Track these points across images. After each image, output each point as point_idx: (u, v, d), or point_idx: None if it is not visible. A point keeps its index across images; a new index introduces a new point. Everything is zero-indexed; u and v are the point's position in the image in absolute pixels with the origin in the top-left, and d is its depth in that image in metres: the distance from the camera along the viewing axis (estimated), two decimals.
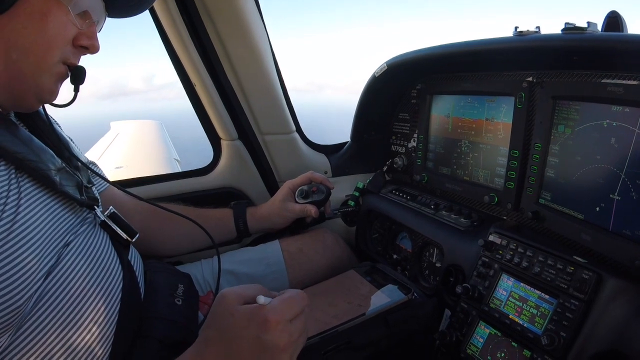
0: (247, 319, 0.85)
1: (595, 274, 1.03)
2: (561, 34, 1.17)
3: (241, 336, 0.85)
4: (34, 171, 0.94)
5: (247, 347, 0.85)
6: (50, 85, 0.97)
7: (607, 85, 1.10)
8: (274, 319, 0.84)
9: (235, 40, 1.75)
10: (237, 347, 0.85)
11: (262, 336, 0.84)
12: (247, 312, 0.86)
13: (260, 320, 0.84)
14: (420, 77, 1.82)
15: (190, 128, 11.16)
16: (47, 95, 0.98)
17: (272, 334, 0.84)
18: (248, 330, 0.85)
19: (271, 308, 0.86)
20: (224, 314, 0.88)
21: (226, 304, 0.88)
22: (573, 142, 1.22)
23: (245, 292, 0.90)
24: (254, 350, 0.85)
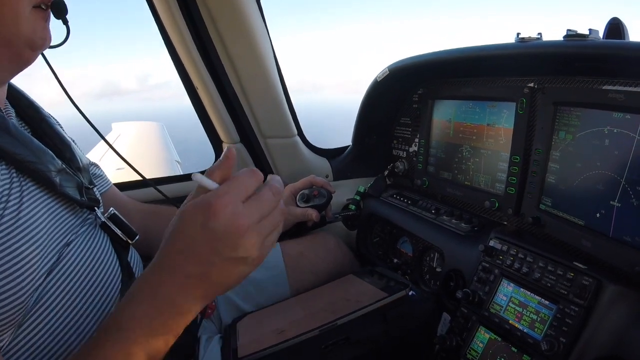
0: (192, 211, 0.74)
1: (595, 280, 1.04)
2: (563, 40, 1.17)
3: (188, 233, 0.74)
4: (34, 172, 0.94)
5: (199, 240, 0.73)
6: (38, 31, 0.94)
7: (609, 92, 1.11)
8: (218, 203, 0.72)
9: (238, 43, 1.76)
10: (191, 243, 0.74)
11: (209, 224, 0.71)
12: (192, 204, 0.75)
13: (205, 205, 0.72)
14: (422, 81, 1.82)
15: (181, 128, 11.03)
16: (39, 41, 0.96)
17: (217, 220, 0.71)
18: (194, 221, 0.73)
19: (215, 191, 0.75)
20: (177, 215, 0.77)
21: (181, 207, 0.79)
22: (574, 148, 1.22)
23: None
24: (206, 242, 0.73)
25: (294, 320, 1.32)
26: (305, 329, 1.21)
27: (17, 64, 0.98)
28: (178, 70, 1.93)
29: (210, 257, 0.73)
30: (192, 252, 0.73)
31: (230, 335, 1.31)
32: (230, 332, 1.33)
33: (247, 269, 0.77)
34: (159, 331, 0.77)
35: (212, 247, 0.72)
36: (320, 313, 1.31)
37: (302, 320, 1.31)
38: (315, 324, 1.23)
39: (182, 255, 0.74)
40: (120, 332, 0.75)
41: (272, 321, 1.35)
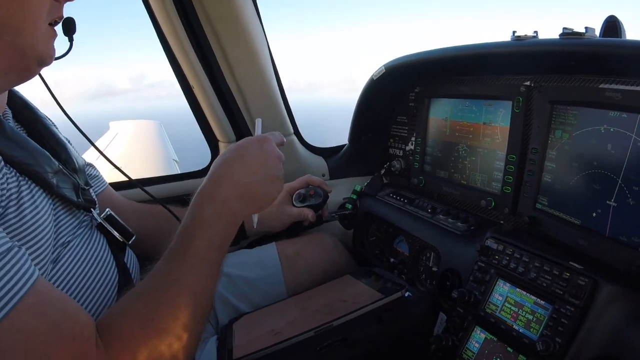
0: (251, 140, 1.12)
1: (591, 280, 1.03)
2: (559, 38, 1.17)
3: (251, 150, 1.09)
4: (32, 174, 0.95)
5: (255, 156, 1.08)
6: (48, 49, 0.96)
7: (605, 91, 1.10)
8: (267, 138, 1.13)
9: (234, 42, 1.75)
10: (250, 157, 1.08)
11: (263, 147, 1.10)
12: (249, 138, 1.14)
13: (259, 138, 1.12)
14: (418, 80, 1.82)
15: (177, 127, 11.01)
16: (48, 59, 0.97)
17: (268, 146, 1.11)
18: (254, 145, 1.10)
19: (263, 134, 1.17)
20: (234, 145, 1.12)
21: (232, 145, 1.14)
22: (570, 147, 1.21)
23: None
24: (260, 158, 1.08)
25: (290, 321, 1.31)
26: (301, 330, 1.21)
27: (23, 77, 0.99)
28: (174, 69, 1.92)
29: (260, 169, 1.07)
30: (247, 165, 1.07)
31: (226, 336, 1.30)
32: (226, 333, 1.33)
33: (277, 188, 1.12)
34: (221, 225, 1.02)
35: (262, 163, 1.08)
36: (316, 314, 1.31)
37: (298, 321, 1.30)
38: (311, 325, 1.22)
39: (239, 165, 1.06)
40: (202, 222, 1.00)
41: (268, 322, 1.34)
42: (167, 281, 0.93)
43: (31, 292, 0.73)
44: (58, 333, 0.76)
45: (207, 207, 1.02)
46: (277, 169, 1.11)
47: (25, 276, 0.73)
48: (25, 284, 0.73)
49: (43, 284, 0.78)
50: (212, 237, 1.00)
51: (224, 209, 1.02)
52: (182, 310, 0.92)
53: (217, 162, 1.09)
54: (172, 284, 0.93)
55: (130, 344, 0.85)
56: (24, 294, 0.72)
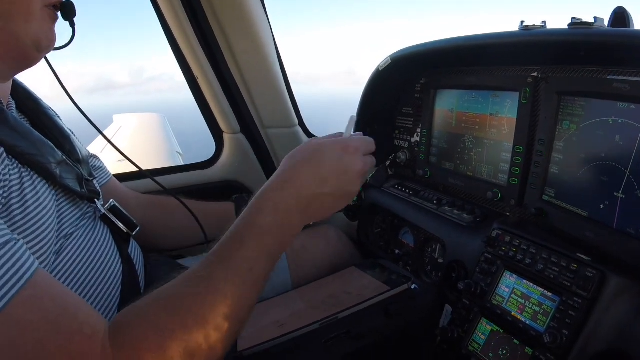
0: (332, 144, 1.02)
1: (599, 272, 1.02)
2: (567, 28, 1.16)
3: (328, 157, 0.99)
4: (35, 164, 0.94)
5: (331, 166, 0.99)
6: (45, 32, 0.95)
7: (613, 82, 1.09)
8: (353, 146, 1.03)
9: (238, 33, 1.74)
10: (325, 166, 0.99)
11: (344, 157, 1.00)
12: (332, 140, 1.04)
13: (344, 145, 1.02)
14: (424, 71, 1.81)
15: (179, 121, 10.97)
16: (45, 42, 0.97)
17: (351, 157, 1.01)
18: (333, 152, 1.00)
19: (351, 138, 1.07)
20: (310, 144, 1.04)
21: (310, 141, 1.06)
22: (578, 139, 1.20)
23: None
24: (336, 169, 0.99)
25: (295, 313, 1.31)
26: (306, 323, 1.21)
27: (21, 63, 0.99)
28: (178, 60, 1.92)
29: (333, 181, 0.98)
30: (320, 173, 0.98)
31: None
32: None
33: (344, 203, 1.04)
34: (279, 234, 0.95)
35: (337, 175, 0.99)
36: (321, 306, 1.31)
37: (303, 313, 1.30)
38: (316, 318, 1.22)
39: (310, 173, 0.98)
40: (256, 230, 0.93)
41: (273, 314, 1.34)
42: (204, 288, 0.85)
43: (29, 285, 0.72)
44: (56, 329, 0.73)
45: (266, 213, 0.94)
46: (354, 185, 1.03)
47: (23, 268, 0.72)
48: (23, 276, 0.71)
49: (43, 277, 0.76)
50: (265, 247, 0.92)
51: (283, 220, 0.95)
52: (213, 324, 0.82)
53: (286, 163, 1.02)
54: (209, 292, 0.84)
55: (142, 352, 0.77)
56: (21, 286, 0.70)
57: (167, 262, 1.42)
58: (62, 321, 0.74)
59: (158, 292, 0.86)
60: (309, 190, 0.96)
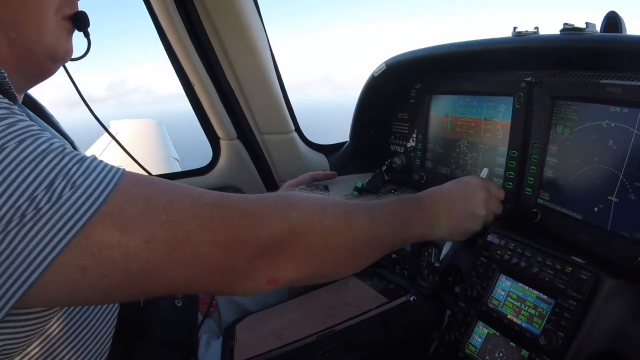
0: (478, 183, 1.24)
1: (593, 275, 1.03)
2: (560, 34, 1.17)
3: (464, 188, 1.23)
4: None
5: (460, 192, 1.21)
6: (60, 43, 0.95)
7: (606, 86, 1.10)
8: (486, 183, 1.26)
9: (234, 39, 1.75)
10: (454, 193, 1.21)
11: (472, 184, 1.23)
12: (481, 180, 1.26)
13: (477, 179, 1.26)
14: (419, 76, 1.82)
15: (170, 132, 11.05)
16: (61, 54, 0.96)
17: (479, 187, 1.23)
18: (465, 180, 1.26)
19: (492, 185, 1.30)
20: (463, 179, 1.27)
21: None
22: (571, 143, 1.22)
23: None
24: (463, 194, 1.21)
25: (293, 324, 1.31)
26: (303, 334, 1.21)
27: (37, 75, 0.99)
28: (174, 67, 1.92)
29: (461, 202, 1.19)
30: (450, 195, 1.21)
31: (229, 338, 1.31)
32: (229, 334, 1.33)
33: (475, 226, 1.24)
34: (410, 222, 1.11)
35: (464, 197, 1.21)
36: (319, 317, 1.31)
37: (300, 324, 1.30)
38: (314, 329, 1.22)
39: (441, 194, 1.20)
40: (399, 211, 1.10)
41: (271, 324, 1.34)
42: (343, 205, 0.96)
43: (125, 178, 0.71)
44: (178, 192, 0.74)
45: (426, 197, 1.18)
46: (477, 207, 1.21)
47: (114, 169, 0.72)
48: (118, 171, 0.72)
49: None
50: (401, 223, 1.08)
51: (424, 217, 1.14)
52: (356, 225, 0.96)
53: (434, 189, 1.23)
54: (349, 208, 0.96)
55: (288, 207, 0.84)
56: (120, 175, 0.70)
57: None
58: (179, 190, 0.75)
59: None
60: (440, 202, 1.17)
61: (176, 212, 0.70)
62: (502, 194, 1.30)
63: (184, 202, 0.72)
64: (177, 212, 0.70)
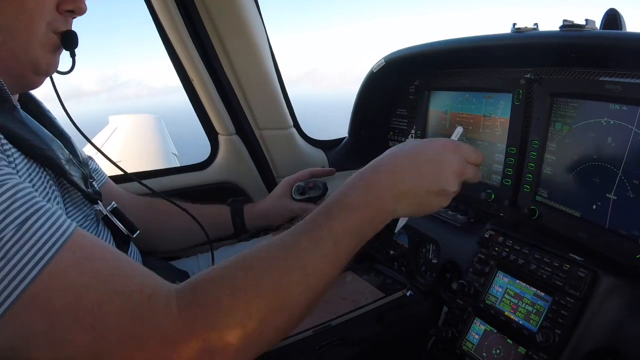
0: (435, 140, 1.04)
1: (590, 272, 1.03)
2: (559, 31, 1.17)
3: (426, 149, 1.00)
4: (46, 159, 0.94)
5: (427, 157, 0.99)
6: (45, 57, 0.95)
7: (605, 83, 1.10)
8: (455, 145, 1.02)
9: (233, 34, 1.75)
10: (421, 156, 0.99)
11: (443, 153, 1.00)
12: (435, 138, 1.09)
13: (445, 143, 1.03)
14: (418, 73, 1.81)
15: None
16: (44, 68, 0.97)
17: (449, 155, 1.00)
18: (433, 146, 1.01)
19: (460, 142, 1.07)
20: (415, 141, 1.05)
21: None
22: (570, 140, 1.21)
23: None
24: (432, 162, 0.98)
25: None
26: (299, 329, 1.21)
27: (20, 85, 0.99)
28: (173, 62, 1.92)
29: (430, 176, 0.97)
30: (419, 165, 0.97)
31: None
32: None
33: (439, 202, 1.02)
34: (368, 214, 0.92)
35: (435, 169, 0.98)
36: (315, 312, 1.30)
37: None
38: (310, 324, 1.22)
39: (409, 163, 0.98)
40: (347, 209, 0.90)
41: None
42: (283, 254, 0.82)
43: (69, 246, 0.69)
44: (112, 288, 0.69)
45: (358, 191, 0.93)
46: (450, 183, 0.99)
47: (60, 230, 0.70)
48: (60, 237, 0.69)
49: (87, 238, 0.74)
50: (353, 223, 0.89)
51: (376, 200, 0.93)
52: (288, 291, 0.80)
53: (388, 151, 1.03)
54: (288, 259, 0.82)
55: (211, 311, 0.73)
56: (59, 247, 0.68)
57: (165, 266, 1.42)
58: (117, 281, 0.71)
59: (237, 256, 0.82)
60: (405, 176, 0.96)
61: (102, 317, 0.67)
62: (480, 157, 1.08)
63: (113, 303, 0.68)
64: (103, 316, 0.67)
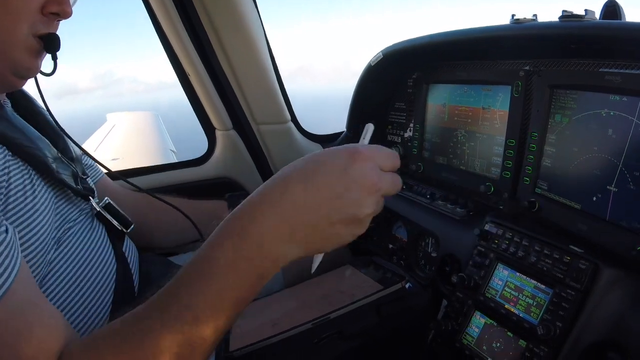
0: (337, 150, 0.75)
1: (592, 264, 1.03)
2: (558, 21, 1.16)
3: (328, 169, 0.73)
4: (31, 157, 0.94)
5: (331, 180, 0.72)
6: (26, 60, 0.93)
7: (605, 74, 1.09)
8: (364, 153, 0.74)
9: (230, 29, 1.74)
10: (322, 181, 0.72)
11: (350, 168, 0.72)
12: (338, 147, 0.76)
13: (351, 151, 0.74)
14: (416, 66, 1.80)
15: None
16: (24, 71, 0.95)
17: (360, 167, 0.72)
18: (336, 161, 0.73)
19: (364, 145, 0.81)
20: (312, 153, 0.79)
21: (316, 151, 0.79)
22: (570, 132, 1.21)
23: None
24: (338, 184, 0.72)
25: (288, 312, 1.31)
26: (298, 322, 1.20)
27: (4, 89, 0.99)
28: (169, 57, 1.91)
29: (332, 201, 0.72)
30: (314, 193, 0.72)
31: None
32: None
33: (349, 234, 0.76)
34: (244, 275, 0.73)
35: (339, 192, 0.72)
36: (314, 305, 1.30)
37: (295, 312, 1.30)
38: (309, 317, 1.22)
39: (301, 190, 0.72)
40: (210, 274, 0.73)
41: (267, 313, 1.34)
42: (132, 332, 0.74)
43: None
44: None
45: (229, 244, 0.73)
46: (362, 205, 0.74)
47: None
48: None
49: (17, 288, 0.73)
50: (220, 293, 0.73)
51: (254, 253, 0.72)
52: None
53: (276, 177, 0.77)
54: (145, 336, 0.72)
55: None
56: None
57: (162, 261, 1.42)
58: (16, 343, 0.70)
59: (110, 325, 0.77)
60: (296, 210, 0.72)
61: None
62: (396, 161, 0.80)
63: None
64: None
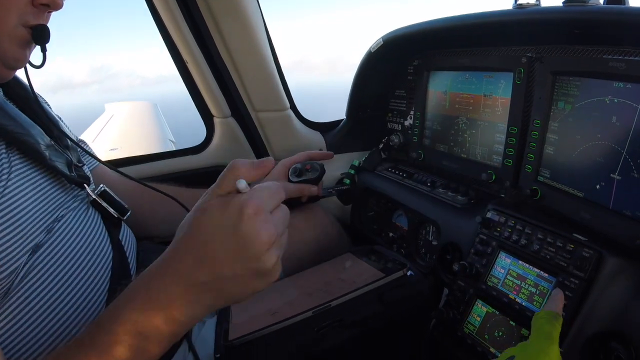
0: (222, 210, 0.71)
1: (596, 252, 1.01)
2: (562, 6, 1.14)
3: (216, 231, 0.70)
4: (23, 144, 0.94)
5: (223, 244, 0.70)
6: (13, 51, 0.92)
7: (609, 61, 1.08)
8: (252, 206, 0.70)
9: (228, 16, 1.71)
10: (212, 246, 0.70)
11: (241, 226, 0.69)
12: (221, 202, 0.72)
13: (238, 207, 0.70)
14: (417, 52, 1.79)
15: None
16: (12, 62, 0.94)
17: (251, 224, 0.69)
18: (223, 221, 0.70)
19: (251, 194, 0.72)
20: (196, 213, 0.74)
21: (198, 203, 0.76)
22: (573, 119, 1.19)
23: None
24: (231, 247, 0.70)
25: (289, 300, 1.30)
26: (298, 310, 1.19)
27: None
28: (167, 44, 1.89)
29: (231, 264, 0.70)
30: (211, 256, 0.70)
31: (223, 316, 1.29)
32: (224, 313, 1.31)
33: (262, 284, 0.75)
34: (150, 339, 0.71)
35: (236, 253, 0.70)
36: (315, 294, 1.29)
37: (296, 300, 1.29)
38: (309, 305, 1.21)
39: (196, 258, 0.71)
40: (108, 337, 0.70)
41: (266, 301, 1.33)
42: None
43: None
44: None
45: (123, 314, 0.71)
46: (265, 259, 0.72)
47: None
48: None
49: None
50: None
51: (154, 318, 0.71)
52: None
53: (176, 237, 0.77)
54: None
55: None
56: None
57: (159, 249, 1.41)
58: None
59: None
60: (197, 276, 0.71)
61: None
62: (280, 196, 0.76)
63: None
64: None
